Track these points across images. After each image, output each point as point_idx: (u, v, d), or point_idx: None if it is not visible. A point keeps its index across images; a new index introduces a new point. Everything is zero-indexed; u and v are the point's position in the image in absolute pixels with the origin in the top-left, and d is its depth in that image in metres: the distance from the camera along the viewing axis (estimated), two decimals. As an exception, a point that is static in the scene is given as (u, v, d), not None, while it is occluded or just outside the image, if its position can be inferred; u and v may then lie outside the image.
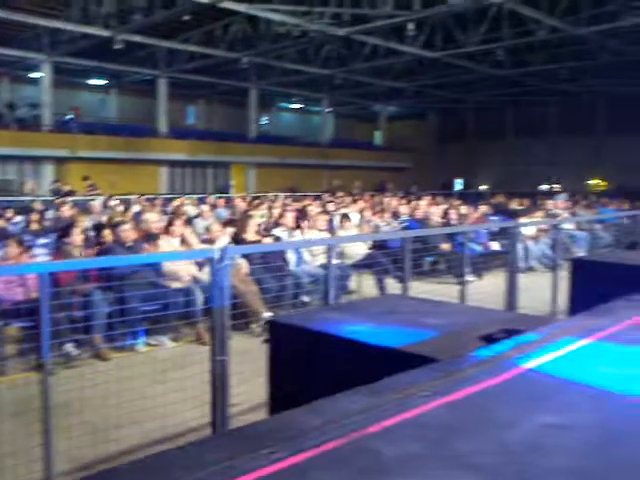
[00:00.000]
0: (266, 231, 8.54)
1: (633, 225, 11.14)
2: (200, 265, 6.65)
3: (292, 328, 2.60)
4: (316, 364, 2.48)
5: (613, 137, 28.35)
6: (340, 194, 18.24)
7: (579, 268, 4.75)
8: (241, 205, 13.21)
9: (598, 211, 14.47)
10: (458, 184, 33.32)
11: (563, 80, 25.49)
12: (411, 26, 18.21)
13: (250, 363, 3.99)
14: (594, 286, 4.32)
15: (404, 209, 12.94)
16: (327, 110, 33.14)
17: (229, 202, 14.92)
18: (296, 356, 2.60)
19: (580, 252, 10.94)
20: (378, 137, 36.57)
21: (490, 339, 2.16)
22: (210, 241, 7.44)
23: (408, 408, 1.41)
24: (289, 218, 8.91)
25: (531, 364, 1.76)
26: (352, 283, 8.53)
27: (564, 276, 5.69)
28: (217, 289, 3.51)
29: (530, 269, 10.48)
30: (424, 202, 13.83)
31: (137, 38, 20.22)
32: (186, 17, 18.85)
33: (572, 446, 1.28)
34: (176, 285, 6.61)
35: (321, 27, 18.96)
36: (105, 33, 18.92)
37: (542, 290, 6.70)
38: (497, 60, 22.18)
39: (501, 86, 27.81)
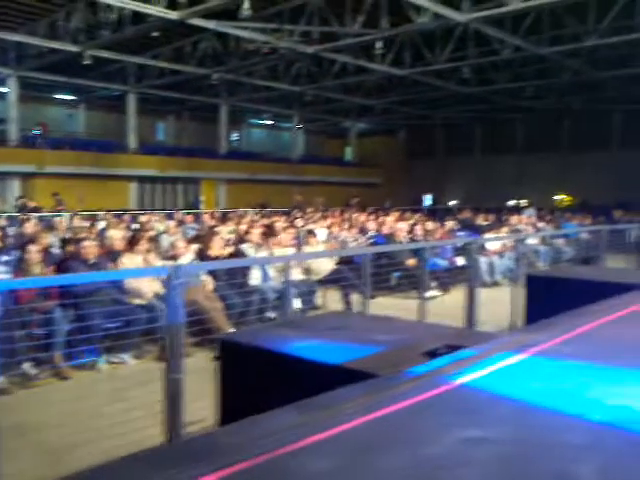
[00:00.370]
0: (233, 247, 8.53)
1: (594, 240, 11.40)
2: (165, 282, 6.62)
3: (240, 346, 2.63)
4: (263, 381, 2.51)
5: (577, 154, 28.97)
6: (310, 210, 18.31)
7: (533, 283, 4.86)
8: (209, 221, 13.19)
9: (561, 226, 14.76)
10: (427, 200, 33.71)
11: (528, 98, 26.07)
12: (379, 44, 18.48)
13: (213, 381, 3.98)
14: (547, 300, 4.42)
15: (372, 225, 13.03)
16: (298, 126, 33.32)
17: (197, 218, 14.88)
18: (244, 373, 2.62)
19: (544, 266, 11.16)
20: (348, 153, 36.84)
21: (431, 355, 2.22)
22: (174, 258, 7.42)
23: (334, 425, 1.45)
24: (255, 234, 8.93)
25: (464, 380, 1.81)
26: (319, 299, 8.57)
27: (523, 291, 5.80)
28: (171, 306, 3.51)
29: (495, 284, 10.63)
30: (391, 218, 13.95)
31: (106, 54, 20.15)
32: (155, 33, 18.86)
33: (486, 460, 1.33)
34: (139, 302, 6.57)
35: (290, 44, 19.12)
36: (73, 48, 18.81)
37: (504, 304, 6.81)
38: (464, 78, 22.59)
39: (468, 103, 28.29)
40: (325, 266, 8.60)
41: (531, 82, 23.93)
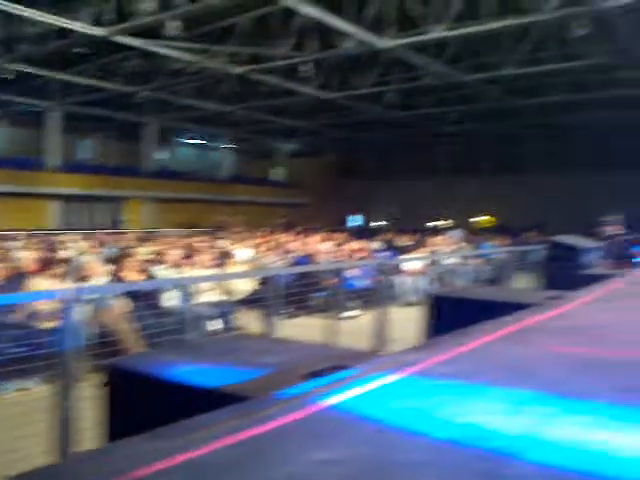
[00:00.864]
0: (149, 267, 8.38)
1: (512, 259, 11.82)
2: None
3: (126, 371, 2.58)
4: (147, 408, 2.47)
5: (498, 177, 30.08)
6: (236, 230, 18.22)
7: (436, 303, 5.00)
8: (130, 241, 12.90)
9: (478, 247, 15.25)
10: (352, 220, 34.28)
11: (451, 122, 26.98)
12: (305, 67, 18.75)
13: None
14: (450, 320, 4.56)
15: (296, 245, 13.10)
16: (226, 146, 33.23)
17: (118, 238, 14.53)
18: (130, 400, 2.57)
19: (463, 286, 11.47)
20: (277, 173, 36.98)
21: (313, 376, 2.24)
22: (84, 279, 7.21)
23: (188, 450, 1.45)
24: (173, 255, 8.81)
25: (333, 401, 1.84)
26: (240, 319, 8.50)
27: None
28: (65, 330, 3.41)
29: (410, 304, 10.84)
30: (316, 238, 14.07)
31: (30, 69, 19.53)
32: (81, 49, 18.47)
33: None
34: (47, 325, 6.34)
35: (218, 65, 19.12)
36: (-10, 62, 18.18)
37: (418, 324, 6.94)
38: (389, 102, 23.17)
39: (395, 126, 28.98)
40: (245, 287, 8.57)
41: (454, 107, 24.80)
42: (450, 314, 4.69)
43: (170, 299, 7.46)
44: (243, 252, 11.44)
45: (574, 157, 28.00)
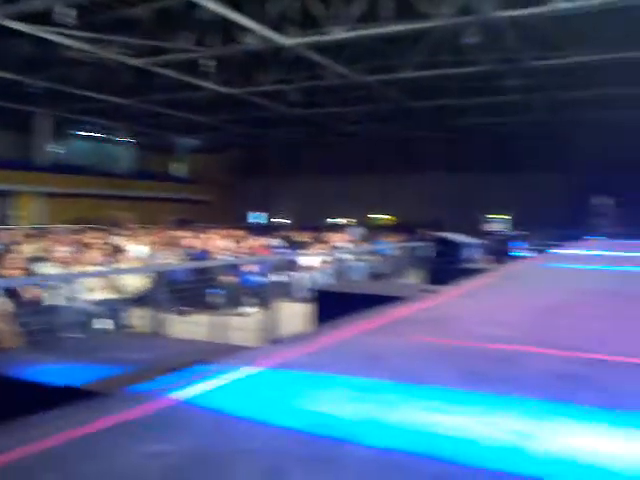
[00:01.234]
0: (32, 265, 8.02)
1: (404, 255, 12.25)
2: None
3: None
4: (7, 407, 2.40)
5: (396, 176, 30.95)
6: (133, 226, 17.73)
7: (320, 298, 5.12)
8: (16, 238, 12.28)
9: (374, 243, 15.69)
10: (253, 217, 34.23)
11: (353, 122, 27.50)
12: (207, 62, 18.51)
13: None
14: (334, 314, 4.68)
15: (195, 242, 12.93)
16: (126, 140, 32.22)
17: (3, 235, 13.77)
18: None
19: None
20: (179, 169, 36.27)
21: (172, 371, 2.26)
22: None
23: (16, 448, 1.44)
24: (61, 252, 8.48)
25: (183, 394, 1.88)
26: (133, 318, 8.30)
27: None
28: None
29: (306, 299, 10.97)
30: (215, 235, 13.96)
31: None
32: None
33: (164, 472, 1.39)
34: None
35: (116, 56, 18.50)
36: None
37: (308, 319, 7.07)
38: (292, 100, 23.28)
39: (298, 124, 29.16)
40: (135, 283, 8.37)
41: (356, 107, 25.27)
42: (332, 308, 4.81)
43: (56, 297, 7.19)
44: (138, 249, 11.17)
45: (470, 158, 29.33)
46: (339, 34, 15.94)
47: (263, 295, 10.45)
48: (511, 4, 13.66)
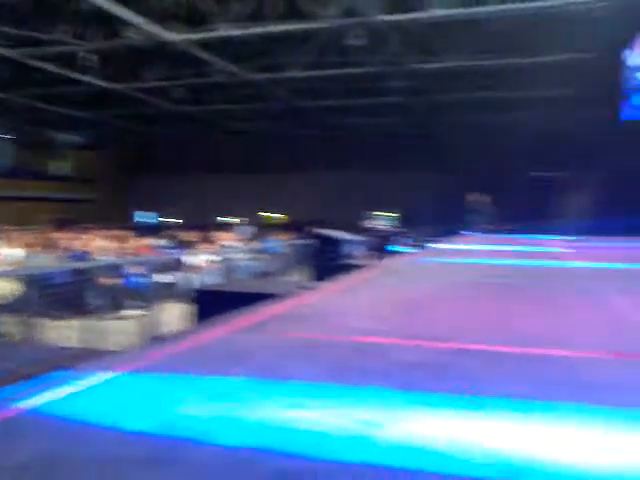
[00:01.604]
0: None
1: (291, 253, 12.35)
2: None
3: None
4: None
5: (289, 174, 31.15)
6: (7, 228, 16.68)
7: (198, 297, 5.10)
8: None
9: (263, 242, 15.71)
10: (141, 217, 33.27)
11: (242, 120, 27.35)
12: (87, 55, 17.74)
13: None
14: (207, 313, 4.67)
15: (74, 243, 12.38)
16: (1, 136, 30.23)
17: None
18: None
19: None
20: (62, 167, 34.48)
21: (25, 379, 2.18)
22: None
23: None
24: None
25: (32, 402, 1.82)
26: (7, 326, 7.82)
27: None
28: None
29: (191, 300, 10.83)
30: (98, 235, 13.44)
31: None
32: None
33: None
34: None
35: (-16, 45, 17.29)
36: None
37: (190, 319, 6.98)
38: (178, 97, 22.80)
39: (187, 121, 28.59)
40: (6, 289, 7.89)
41: (244, 105, 25.14)
42: (211, 307, 4.79)
43: None
44: (10, 252, 10.54)
45: (355, 157, 30.08)
46: (226, 31, 15.80)
47: (146, 297, 10.22)
48: (394, 9, 14.13)
